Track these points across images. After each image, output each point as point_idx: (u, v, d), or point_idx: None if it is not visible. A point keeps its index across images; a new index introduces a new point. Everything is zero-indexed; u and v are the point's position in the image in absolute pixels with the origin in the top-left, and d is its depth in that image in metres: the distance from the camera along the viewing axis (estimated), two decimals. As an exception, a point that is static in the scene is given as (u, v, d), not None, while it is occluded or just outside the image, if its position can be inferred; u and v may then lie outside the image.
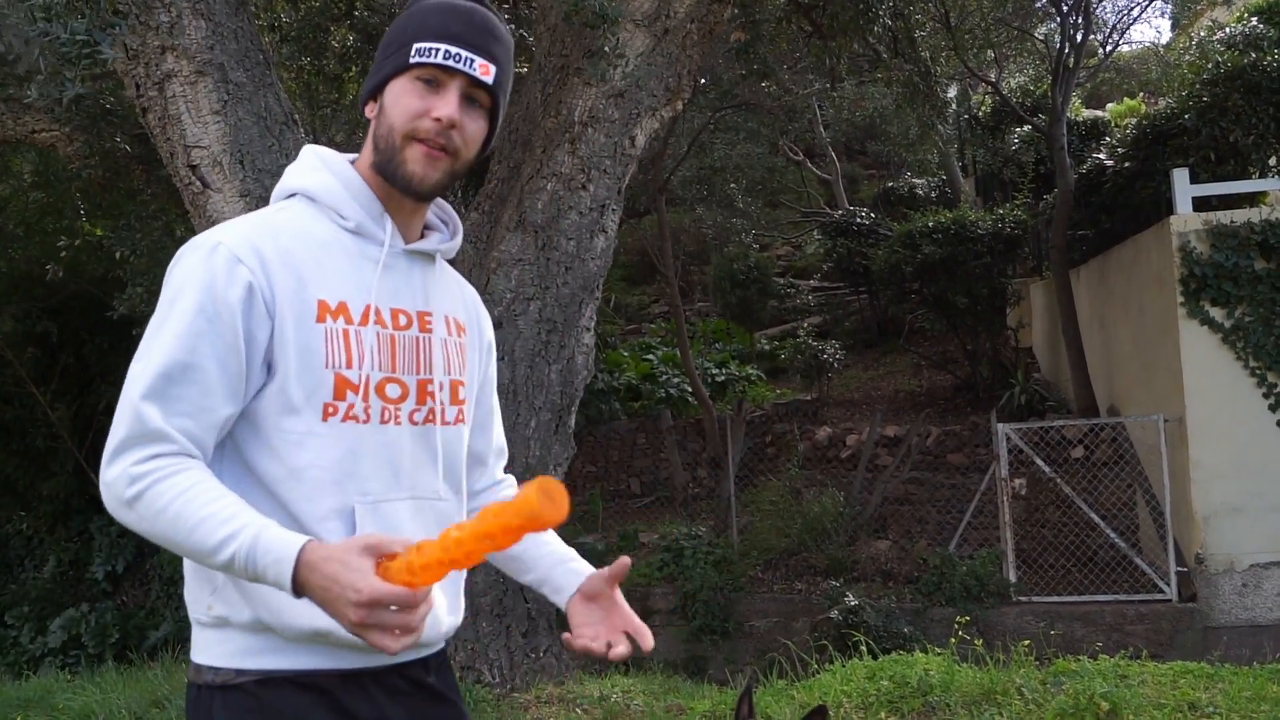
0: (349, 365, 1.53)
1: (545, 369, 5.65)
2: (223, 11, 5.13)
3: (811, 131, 17.64)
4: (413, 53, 1.56)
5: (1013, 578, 8.46)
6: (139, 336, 1.64)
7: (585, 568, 1.79)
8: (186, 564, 1.55)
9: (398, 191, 1.61)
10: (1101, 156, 11.05)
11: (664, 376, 14.01)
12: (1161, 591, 8.05)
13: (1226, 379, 7.98)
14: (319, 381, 1.51)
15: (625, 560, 1.72)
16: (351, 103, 10.16)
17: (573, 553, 1.82)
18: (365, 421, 1.54)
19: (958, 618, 6.75)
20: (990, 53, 13.37)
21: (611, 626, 1.72)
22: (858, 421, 12.24)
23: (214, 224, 5.12)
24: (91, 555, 11.51)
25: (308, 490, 1.50)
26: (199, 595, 1.53)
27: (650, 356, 14.79)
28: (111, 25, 4.13)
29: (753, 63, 7.66)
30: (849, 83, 12.79)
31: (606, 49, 5.33)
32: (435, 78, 1.57)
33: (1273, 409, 7.91)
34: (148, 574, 11.30)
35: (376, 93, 1.62)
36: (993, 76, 13.80)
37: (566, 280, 5.66)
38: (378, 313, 1.58)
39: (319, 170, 1.64)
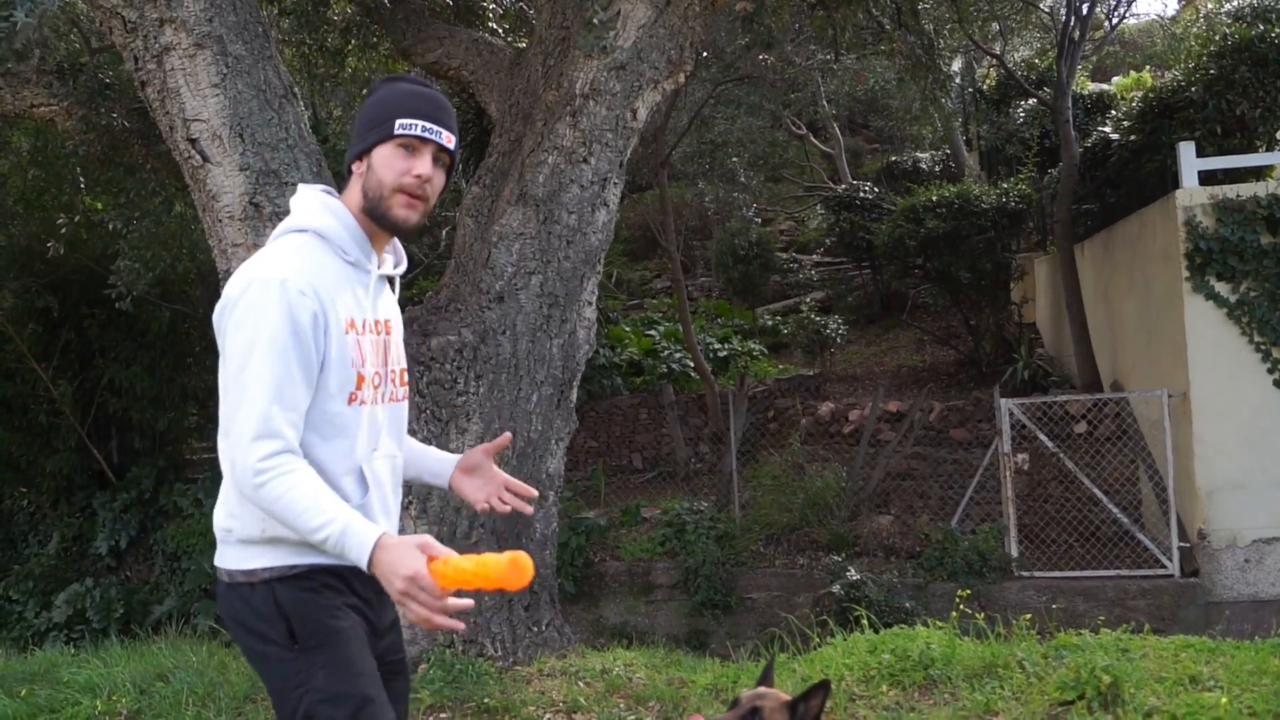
0: (363, 364, 2.20)
1: (547, 343, 5.63)
2: (220, -17, 5.07)
3: (814, 105, 17.54)
4: (396, 127, 2.19)
5: (1015, 553, 8.47)
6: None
7: (450, 454, 2.55)
8: (234, 497, 2.15)
9: (385, 230, 2.26)
10: (1107, 130, 10.98)
11: (666, 351, 13.99)
12: (1164, 567, 8.06)
13: (1231, 354, 7.96)
14: (348, 377, 2.16)
15: (506, 435, 2.50)
16: (351, 76, 10.06)
17: (433, 448, 2.58)
18: (370, 404, 2.23)
19: (959, 592, 6.74)
20: (995, 25, 13.25)
21: (496, 487, 2.49)
22: (860, 397, 12.23)
23: (213, 197, 5.07)
24: (95, 531, 11.53)
25: (333, 453, 2.16)
26: (250, 522, 2.13)
27: (652, 332, 14.76)
28: None
29: (756, 33, 7.58)
30: (850, 56, 12.67)
31: (596, 20, 5.28)
32: (413, 145, 2.20)
33: (1277, 384, 7.88)
34: (151, 549, 11.31)
35: (363, 155, 2.23)
36: (997, 49, 13.67)
37: (568, 254, 5.62)
38: (367, 324, 2.23)
39: (327, 215, 2.23)
